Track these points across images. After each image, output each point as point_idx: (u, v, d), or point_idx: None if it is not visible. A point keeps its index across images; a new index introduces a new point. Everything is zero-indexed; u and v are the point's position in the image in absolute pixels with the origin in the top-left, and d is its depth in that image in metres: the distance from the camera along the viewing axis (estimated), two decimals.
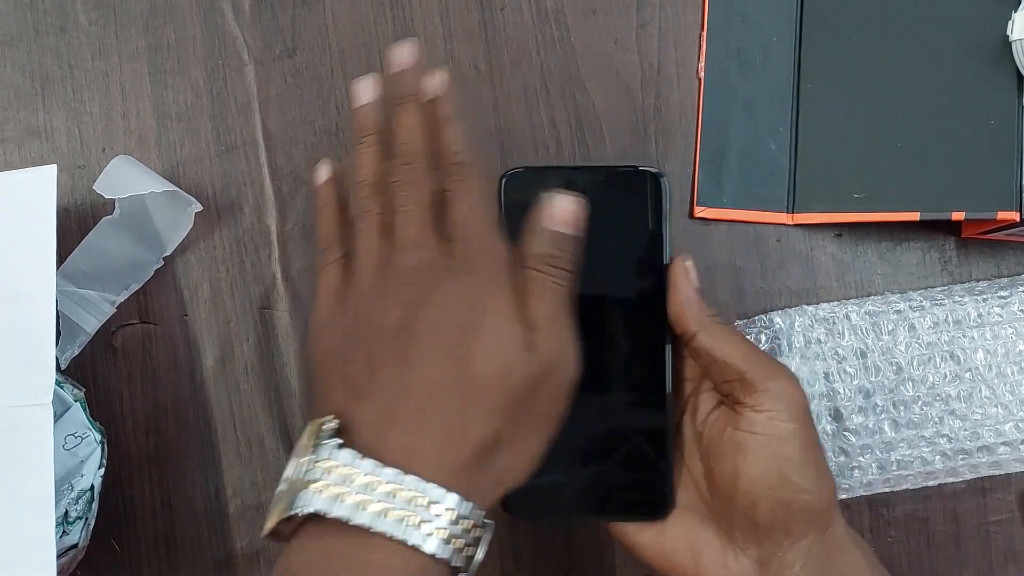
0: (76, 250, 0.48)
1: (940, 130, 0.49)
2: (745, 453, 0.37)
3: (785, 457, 0.37)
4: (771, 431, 0.37)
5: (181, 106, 0.51)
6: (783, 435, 0.37)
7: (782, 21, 0.51)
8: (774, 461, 0.37)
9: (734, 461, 0.37)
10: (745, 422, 0.37)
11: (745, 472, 0.37)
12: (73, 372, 0.49)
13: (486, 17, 0.52)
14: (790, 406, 0.37)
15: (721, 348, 0.38)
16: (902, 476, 0.50)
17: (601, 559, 0.50)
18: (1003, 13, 0.47)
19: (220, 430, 0.50)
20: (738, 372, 0.37)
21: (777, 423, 0.37)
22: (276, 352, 0.51)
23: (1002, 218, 0.47)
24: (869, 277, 0.51)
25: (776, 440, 0.37)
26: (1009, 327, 0.50)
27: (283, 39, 0.51)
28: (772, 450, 0.37)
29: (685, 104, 0.51)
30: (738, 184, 0.51)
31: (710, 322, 0.38)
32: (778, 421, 0.37)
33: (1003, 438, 0.49)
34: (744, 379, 0.37)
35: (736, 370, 0.37)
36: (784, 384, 0.37)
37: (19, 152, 0.51)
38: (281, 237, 0.51)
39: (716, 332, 0.38)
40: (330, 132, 0.51)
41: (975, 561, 0.51)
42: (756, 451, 0.37)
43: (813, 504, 0.37)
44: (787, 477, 0.37)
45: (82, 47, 0.51)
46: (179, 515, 0.50)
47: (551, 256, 0.36)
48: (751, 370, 0.37)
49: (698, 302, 0.39)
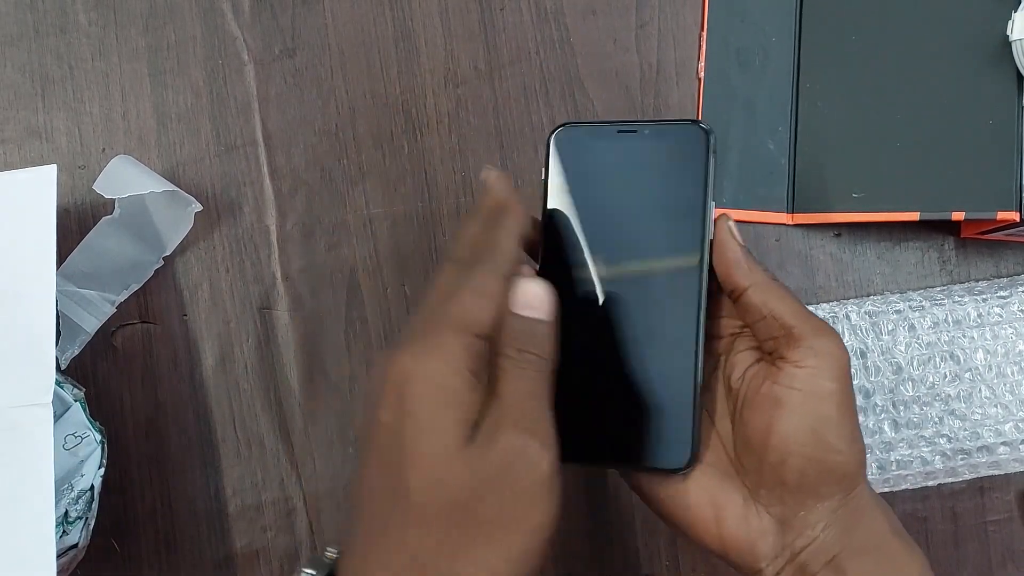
0: (76, 250, 0.48)
1: (940, 130, 0.49)
2: (782, 408, 0.36)
3: (822, 415, 0.36)
4: (811, 388, 0.36)
5: (181, 106, 0.51)
6: (823, 393, 0.36)
7: (782, 21, 0.51)
8: (810, 419, 0.36)
9: (769, 416, 0.36)
10: (785, 377, 0.36)
11: (779, 427, 0.36)
12: (73, 372, 0.49)
13: (486, 17, 0.52)
14: (832, 365, 0.36)
15: (772, 303, 0.37)
16: (902, 476, 0.50)
17: (601, 559, 0.51)
18: (1003, 13, 0.47)
19: (220, 430, 0.51)
20: (786, 327, 0.37)
21: (819, 380, 0.36)
22: (276, 352, 0.51)
23: (1002, 218, 0.47)
24: (868, 277, 0.51)
25: (815, 397, 0.36)
26: (1009, 327, 0.50)
27: (283, 39, 0.51)
28: (810, 407, 0.36)
29: (685, 104, 0.51)
30: (737, 184, 0.51)
31: (762, 278, 0.38)
32: (820, 379, 0.36)
33: (1003, 438, 0.50)
34: (791, 334, 0.36)
35: (784, 325, 0.37)
36: (829, 342, 0.36)
37: (19, 152, 0.51)
38: (281, 237, 0.51)
39: (767, 288, 0.37)
40: (330, 132, 0.51)
41: (974, 560, 0.51)
42: (793, 406, 0.36)
43: (844, 465, 0.36)
44: (822, 436, 0.36)
45: (82, 47, 0.51)
46: (179, 515, 0.50)
47: (520, 342, 0.34)
48: (799, 326, 0.36)
49: (747, 258, 0.38)
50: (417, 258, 0.51)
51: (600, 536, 0.51)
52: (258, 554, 0.50)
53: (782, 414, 0.36)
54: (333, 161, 0.51)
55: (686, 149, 0.39)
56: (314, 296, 0.51)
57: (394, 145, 0.51)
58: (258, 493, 0.50)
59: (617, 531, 0.51)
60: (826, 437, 0.36)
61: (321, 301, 0.51)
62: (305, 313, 0.51)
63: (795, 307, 0.37)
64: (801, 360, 0.36)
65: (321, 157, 0.51)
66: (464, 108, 0.51)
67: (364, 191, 0.51)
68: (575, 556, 0.50)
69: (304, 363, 0.51)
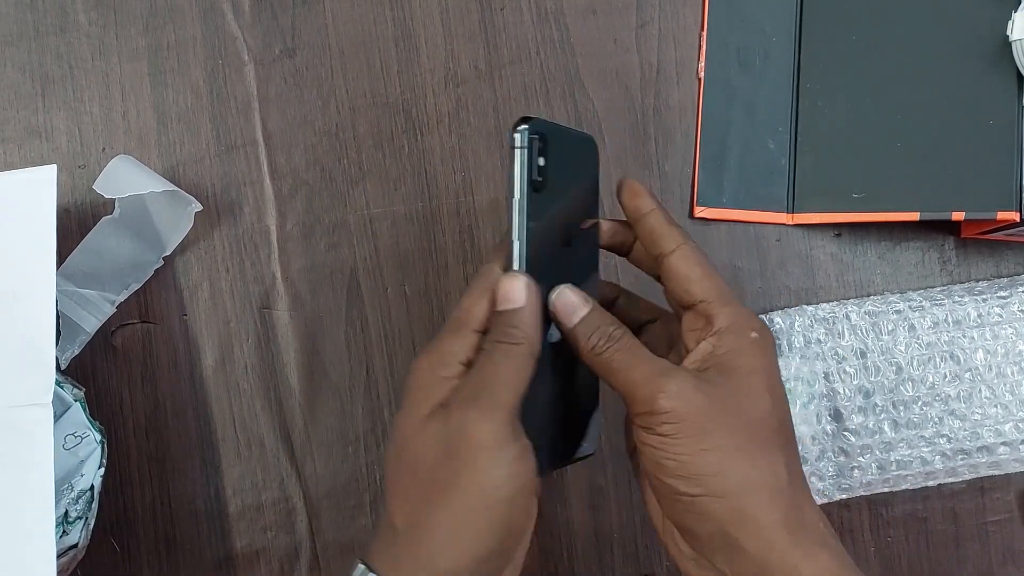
0: (76, 250, 0.48)
1: (940, 130, 0.49)
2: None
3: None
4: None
5: (181, 106, 0.51)
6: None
7: (782, 21, 0.51)
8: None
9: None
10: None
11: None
12: (73, 372, 0.49)
13: (486, 17, 0.52)
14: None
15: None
16: (902, 476, 0.50)
17: (601, 558, 0.51)
18: (1003, 13, 0.47)
19: (220, 430, 0.50)
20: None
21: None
22: (276, 352, 0.51)
23: (1002, 218, 0.47)
24: (869, 277, 0.51)
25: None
26: (1009, 327, 0.50)
27: (283, 39, 0.51)
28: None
29: (685, 104, 0.52)
30: (738, 184, 0.51)
31: (592, 357, 0.38)
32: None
33: (1003, 438, 0.49)
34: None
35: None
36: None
37: (19, 152, 0.51)
38: (281, 237, 0.51)
39: (599, 364, 0.37)
40: (330, 132, 0.51)
41: (974, 561, 0.51)
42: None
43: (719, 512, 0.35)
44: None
45: (82, 47, 0.51)
46: (179, 515, 0.50)
47: (495, 333, 0.36)
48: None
49: (578, 337, 0.37)
50: (417, 258, 0.51)
51: (600, 536, 0.51)
52: (258, 554, 0.50)
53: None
54: (333, 161, 0.51)
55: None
56: (314, 296, 0.51)
57: (394, 145, 0.51)
58: (258, 493, 0.50)
59: (617, 531, 0.51)
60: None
61: (321, 301, 0.51)
62: (305, 313, 0.51)
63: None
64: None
65: (321, 157, 0.51)
66: (464, 108, 0.51)
67: (364, 191, 0.51)
68: (575, 556, 0.50)
69: (304, 363, 0.51)
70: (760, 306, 0.51)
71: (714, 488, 0.35)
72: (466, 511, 0.34)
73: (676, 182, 0.51)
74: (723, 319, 0.37)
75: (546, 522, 0.50)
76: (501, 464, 0.34)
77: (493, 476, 0.34)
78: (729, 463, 0.35)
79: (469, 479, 0.34)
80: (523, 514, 0.35)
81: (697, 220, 0.51)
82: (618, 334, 0.37)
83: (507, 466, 0.34)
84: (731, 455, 0.35)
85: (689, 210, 0.51)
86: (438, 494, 0.35)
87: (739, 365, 0.37)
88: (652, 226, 0.39)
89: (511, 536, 0.35)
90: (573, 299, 0.38)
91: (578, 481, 0.51)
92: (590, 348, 0.37)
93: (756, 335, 0.37)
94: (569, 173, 0.39)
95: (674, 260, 0.38)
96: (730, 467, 0.35)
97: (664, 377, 0.36)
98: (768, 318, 0.50)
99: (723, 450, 0.35)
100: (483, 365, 0.36)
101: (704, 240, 0.51)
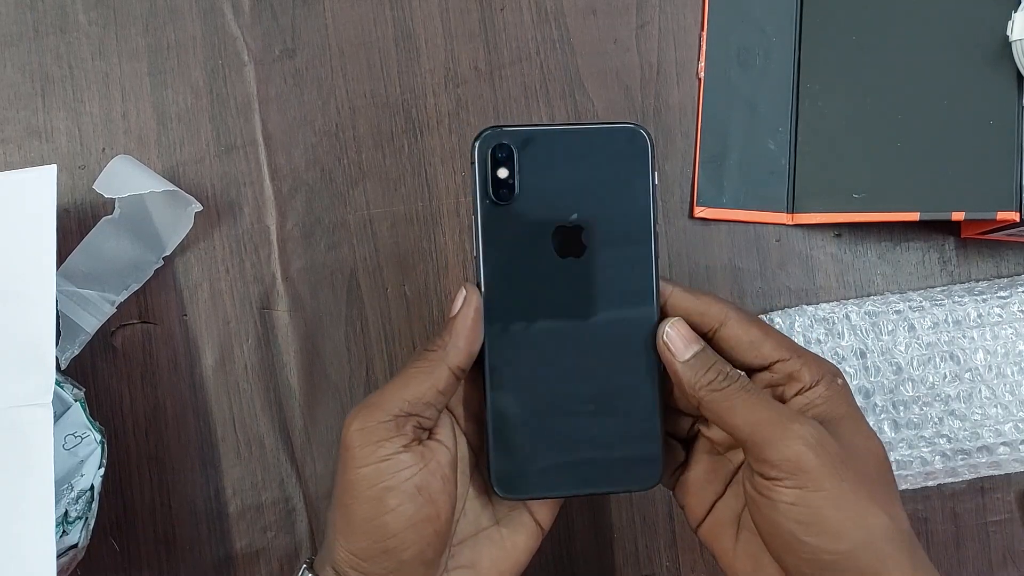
0: (76, 250, 0.48)
1: (940, 130, 0.49)
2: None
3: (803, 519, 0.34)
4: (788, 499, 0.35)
5: (181, 106, 0.51)
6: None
7: (782, 21, 0.51)
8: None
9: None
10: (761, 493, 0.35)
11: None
12: (73, 372, 0.49)
13: (486, 17, 0.52)
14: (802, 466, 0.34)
15: (725, 416, 0.36)
16: (902, 476, 0.50)
17: (601, 559, 0.51)
18: (1003, 13, 0.47)
19: (220, 430, 0.51)
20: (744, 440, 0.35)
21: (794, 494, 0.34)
22: (276, 352, 0.51)
23: (1002, 218, 0.47)
24: (869, 277, 0.51)
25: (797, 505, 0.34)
26: (1009, 327, 0.50)
27: (283, 39, 0.51)
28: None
29: (685, 104, 0.52)
30: (738, 184, 0.51)
31: (706, 394, 0.36)
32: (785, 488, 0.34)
33: (1003, 438, 0.49)
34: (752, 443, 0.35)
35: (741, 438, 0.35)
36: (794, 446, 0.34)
37: (19, 152, 0.51)
38: (281, 237, 0.51)
39: (715, 401, 0.36)
40: (330, 132, 0.51)
41: (974, 561, 0.51)
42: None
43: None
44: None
45: (82, 47, 0.51)
46: (179, 515, 0.50)
47: (429, 340, 0.37)
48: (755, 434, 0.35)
49: (689, 371, 0.36)
50: (417, 258, 0.51)
51: (600, 536, 0.51)
52: (258, 554, 0.50)
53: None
54: (333, 161, 0.51)
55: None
56: (314, 296, 0.51)
57: (394, 145, 0.51)
58: (258, 493, 0.50)
59: (617, 531, 0.51)
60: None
61: (321, 301, 0.51)
62: (305, 313, 0.51)
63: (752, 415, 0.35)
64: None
65: (321, 157, 0.51)
66: (464, 108, 0.51)
67: (364, 191, 0.51)
68: (575, 556, 0.50)
69: (304, 363, 0.51)
70: (760, 306, 0.51)
71: (859, 540, 0.33)
72: (340, 507, 0.37)
73: (676, 182, 0.51)
74: (809, 372, 0.37)
75: None
76: (363, 463, 0.36)
77: (357, 475, 0.36)
78: (868, 512, 0.34)
79: (340, 477, 0.36)
80: (400, 517, 0.35)
81: (697, 220, 0.51)
82: (735, 374, 0.36)
83: (371, 466, 0.35)
84: (867, 504, 0.34)
85: (689, 210, 0.51)
86: (334, 492, 0.37)
87: (840, 413, 0.36)
88: (687, 307, 0.38)
89: (393, 536, 0.35)
90: (684, 334, 0.37)
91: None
92: (706, 383, 0.36)
93: (840, 380, 0.37)
94: (562, 177, 0.37)
95: (731, 330, 0.37)
96: (870, 517, 0.34)
97: (797, 423, 0.34)
98: (768, 318, 0.50)
99: (860, 499, 0.34)
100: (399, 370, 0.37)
101: (704, 240, 0.51)
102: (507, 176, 0.37)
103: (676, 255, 0.51)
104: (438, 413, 0.37)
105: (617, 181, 0.37)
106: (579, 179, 0.37)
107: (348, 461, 0.36)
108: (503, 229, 0.37)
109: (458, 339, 0.36)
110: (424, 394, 0.36)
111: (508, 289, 0.37)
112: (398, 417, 0.36)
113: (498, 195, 0.37)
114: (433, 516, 0.36)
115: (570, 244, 0.37)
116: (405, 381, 0.36)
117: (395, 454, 0.36)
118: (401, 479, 0.35)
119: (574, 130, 0.38)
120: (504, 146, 0.36)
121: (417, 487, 0.36)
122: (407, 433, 0.36)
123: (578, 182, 0.37)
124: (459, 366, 0.37)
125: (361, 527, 0.36)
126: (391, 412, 0.36)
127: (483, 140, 0.37)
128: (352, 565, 0.36)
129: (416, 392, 0.36)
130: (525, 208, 0.37)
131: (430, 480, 0.36)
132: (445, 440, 0.38)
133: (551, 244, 0.37)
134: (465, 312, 0.37)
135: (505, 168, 0.36)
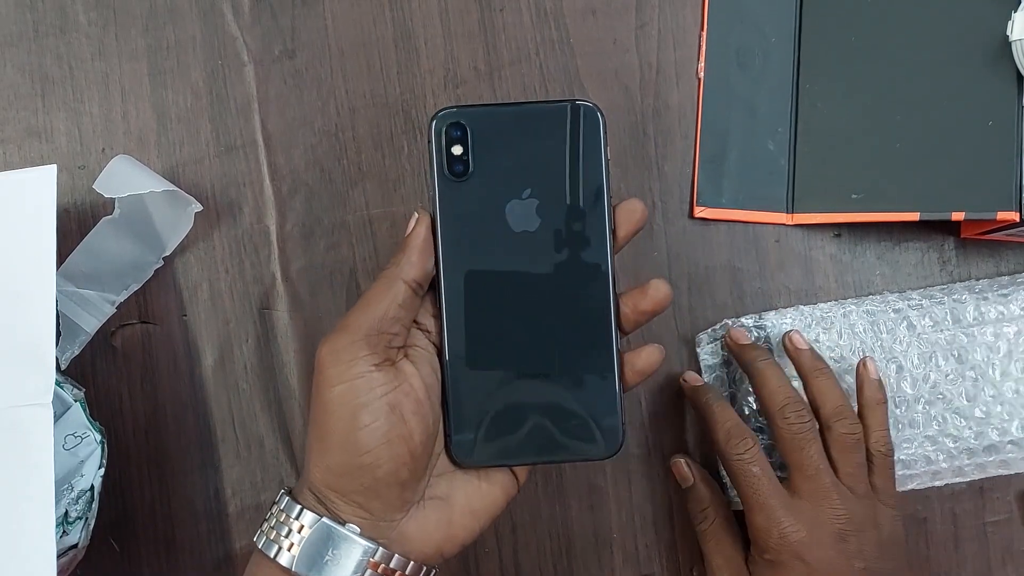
0: (76, 250, 0.48)
1: (940, 130, 0.49)
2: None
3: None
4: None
5: (181, 106, 0.51)
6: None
7: (782, 21, 0.51)
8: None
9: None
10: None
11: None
12: (73, 372, 0.49)
13: (486, 17, 0.52)
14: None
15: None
16: (907, 476, 0.50)
17: (600, 559, 0.51)
18: (1003, 13, 0.47)
19: (220, 430, 0.51)
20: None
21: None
22: (276, 352, 0.51)
23: (1002, 218, 0.47)
24: (868, 277, 0.51)
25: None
26: (1012, 325, 0.49)
27: (283, 39, 0.51)
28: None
29: (685, 105, 0.52)
30: (737, 184, 0.51)
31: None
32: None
33: (1009, 437, 0.49)
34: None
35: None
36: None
37: (19, 152, 0.51)
38: (280, 237, 0.51)
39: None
40: (330, 133, 0.51)
41: (974, 561, 0.51)
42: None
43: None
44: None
45: (82, 47, 0.51)
46: (179, 515, 0.50)
47: (388, 261, 0.40)
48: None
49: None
50: None
51: (599, 537, 0.51)
52: None
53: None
54: (333, 161, 0.51)
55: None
56: (314, 296, 0.51)
57: (394, 146, 0.51)
58: (258, 493, 0.51)
59: (616, 531, 0.51)
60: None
61: (321, 301, 0.51)
62: (305, 313, 0.51)
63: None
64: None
65: (321, 157, 0.51)
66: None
67: (364, 191, 0.51)
68: (575, 556, 0.50)
69: (304, 363, 0.51)
70: (759, 306, 0.51)
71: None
72: (315, 427, 0.38)
73: (676, 182, 0.51)
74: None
75: (544, 522, 0.51)
76: (337, 381, 0.37)
77: (331, 394, 0.37)
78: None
79: (315, 400, 0.38)
80: (373, 433, 0.37)
81: (697, 220, 0.51)
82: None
83: (345, 383, 0.37)
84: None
85: (689, 210, 0.51)
86: (309, 417, 0.39)
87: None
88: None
89: (367, 452, 0.37)
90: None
91: (576, 481, 0.51)
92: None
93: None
94: (516, 153, 0.38)
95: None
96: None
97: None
98: (767, 318, 0.50)
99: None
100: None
101: (704, 240, 0.51)
102: (462, 152, 0.38)
103: (676, 255, 0.51)
104: (405, 329, 0.39)
105: (570, 156, 0.39)
106: (533, 155, 0.39)
107: (322, 382, 0.37)
108: (460, 204, 0.38)
109: (411, 254, 0.38)
110: (387, 310, 0.38)
111: (465, 263, 0.38)
112: (368, 336, 0.37)
113: (453, 171, 0.38)
114: (406, 435, 0.37)
115: (525, 218, 0.38)
116: (367, 302, 0.38)
117: (367, 372, 0.37)
118: (374, 396, 0.37)
119: (527, 108, 0.39)
120: (458, 124, 0.38)
121: (390, 405, 0.37)
122: (378, 352, 0.37)
123: (532, 158, 0.39)
124: (415, 279, 0.38)
125: (336, 443, 0.37)
126: (360, 333, 0.37)
127: (438, 119, 0.38)
128: (328, 484, 0.37)
129: (378, 310, 0.38)
130: (480, 183, 0.38)
131: (402, 400, 0.37)
132: (421, 370, 0.39)
133: (506, 218, 0.38)
134: (417, 231, 0.39)
135: (459, 145, 0.38)
